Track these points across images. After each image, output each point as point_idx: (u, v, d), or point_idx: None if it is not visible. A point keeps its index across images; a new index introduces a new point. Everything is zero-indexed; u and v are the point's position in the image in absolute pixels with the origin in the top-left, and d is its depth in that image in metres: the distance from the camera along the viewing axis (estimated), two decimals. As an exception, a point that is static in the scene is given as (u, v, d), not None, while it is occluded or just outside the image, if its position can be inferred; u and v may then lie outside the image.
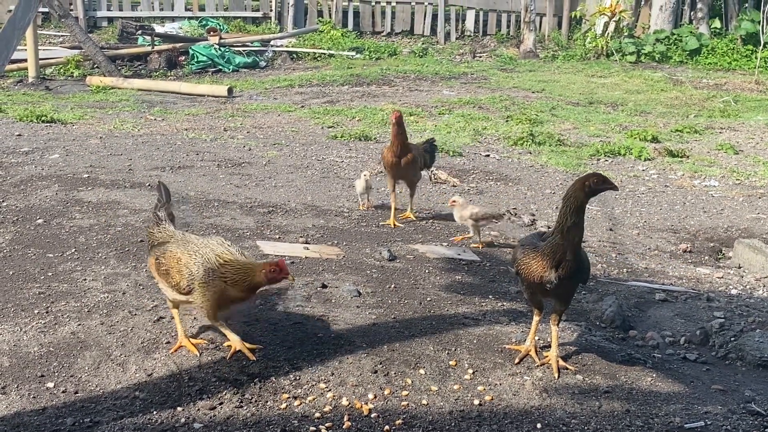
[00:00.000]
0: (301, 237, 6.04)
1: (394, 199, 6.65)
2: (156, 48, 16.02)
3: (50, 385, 3.75)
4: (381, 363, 4.04)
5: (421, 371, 4.01)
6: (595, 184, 3.82)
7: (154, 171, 7.83)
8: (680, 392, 4.05)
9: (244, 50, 16.93)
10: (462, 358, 4.16)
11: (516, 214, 7.21)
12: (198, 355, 4.01)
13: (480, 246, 6.15)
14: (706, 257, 6.69)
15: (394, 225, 6.52)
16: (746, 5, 19.99)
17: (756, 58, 17.34)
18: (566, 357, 4.26)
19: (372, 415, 3.65)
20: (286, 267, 3.85)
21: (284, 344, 4.17)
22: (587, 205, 3.91)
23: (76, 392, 3.72)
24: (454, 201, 6.22)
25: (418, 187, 6.93)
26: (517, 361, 4.15)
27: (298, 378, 3.89)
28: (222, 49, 16.35)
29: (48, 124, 10.18)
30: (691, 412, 3.82)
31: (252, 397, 3.72)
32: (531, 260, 3.92)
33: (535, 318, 4.25)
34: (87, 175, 7.44)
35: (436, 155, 7.12)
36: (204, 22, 18.55)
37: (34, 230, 5.88)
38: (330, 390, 3.81)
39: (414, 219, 6.73)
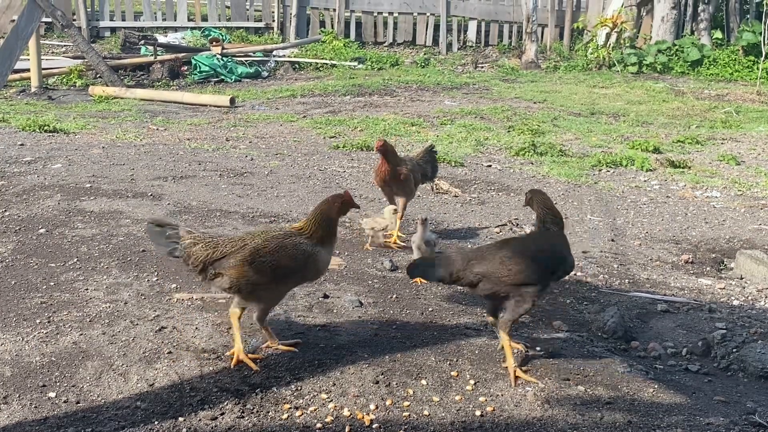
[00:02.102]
0: (302, 247, 6.02)
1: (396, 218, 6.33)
2: (158, 58, 16.07)
3: (52, 395, 3.75)
4: (382, 373, 4.04)
5: (423, 382, 4.01)
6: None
7: (156, 181, 7.85)
8: (682, 403, 4.04)
9: (246, 60, 16.97)
10: (464, 368, 4.16)
11: (518, 225, 7.21)
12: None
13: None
14: (708, 268, 6.68)
15: (394, 243, 6.35)
16: (748, 16, 20.05)
17: (758, 68, 17.34)
18: (568, 368, 4.26)
19: (374, 426, 3.65)
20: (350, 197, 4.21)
21: (286, 354, 4.18)
22: (589, 215, 3.94)
23: (78, 402, 3.72)
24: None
25: (416, 199, 6.81)
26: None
27: (299, 388, 3.89)
28: (224, 59, 16.38)
29: (50, 134, 10.20)
30: (693, 424, 3.81)
31: (253, 408, 3.72)
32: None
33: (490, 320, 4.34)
34: (89, 185, 7.46)
35: (437, 165, 6.86)
36: (206, 33, 18.60)
37: (36, 240, 5.89)
38: (331, 400, 3.81)
39: (399, 246, 6.27)
